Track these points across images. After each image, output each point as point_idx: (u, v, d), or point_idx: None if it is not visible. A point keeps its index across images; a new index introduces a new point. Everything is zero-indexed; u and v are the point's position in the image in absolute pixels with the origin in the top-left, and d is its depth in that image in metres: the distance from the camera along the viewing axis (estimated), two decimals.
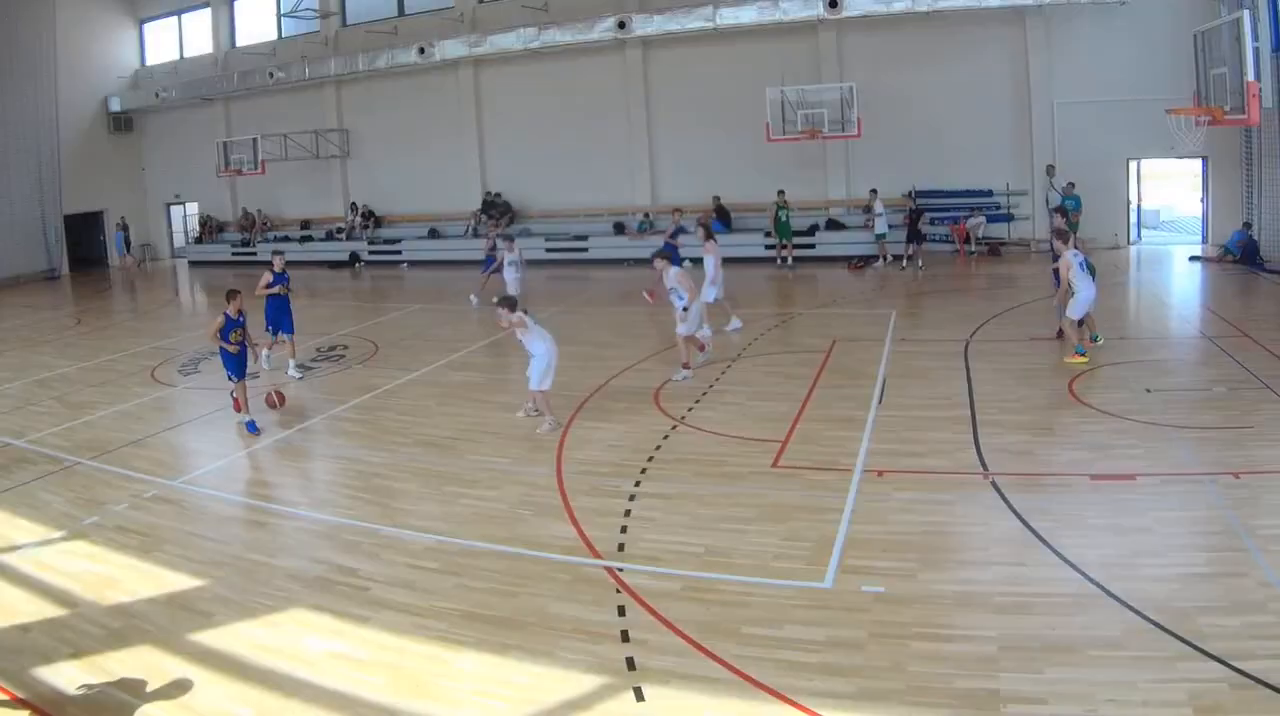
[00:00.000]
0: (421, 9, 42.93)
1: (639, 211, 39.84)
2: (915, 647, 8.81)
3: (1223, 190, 32.52)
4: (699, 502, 12.67)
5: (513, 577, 10.73)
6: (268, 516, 13.20)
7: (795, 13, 33.35)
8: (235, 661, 9.21)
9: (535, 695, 8.42)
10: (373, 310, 30.43)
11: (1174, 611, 8.94)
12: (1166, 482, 12.38)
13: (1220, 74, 21.39)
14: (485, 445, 15.32)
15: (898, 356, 19.88)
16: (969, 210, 35.17)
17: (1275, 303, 24.57)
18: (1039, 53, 33.84)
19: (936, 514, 11.96)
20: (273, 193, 46.94)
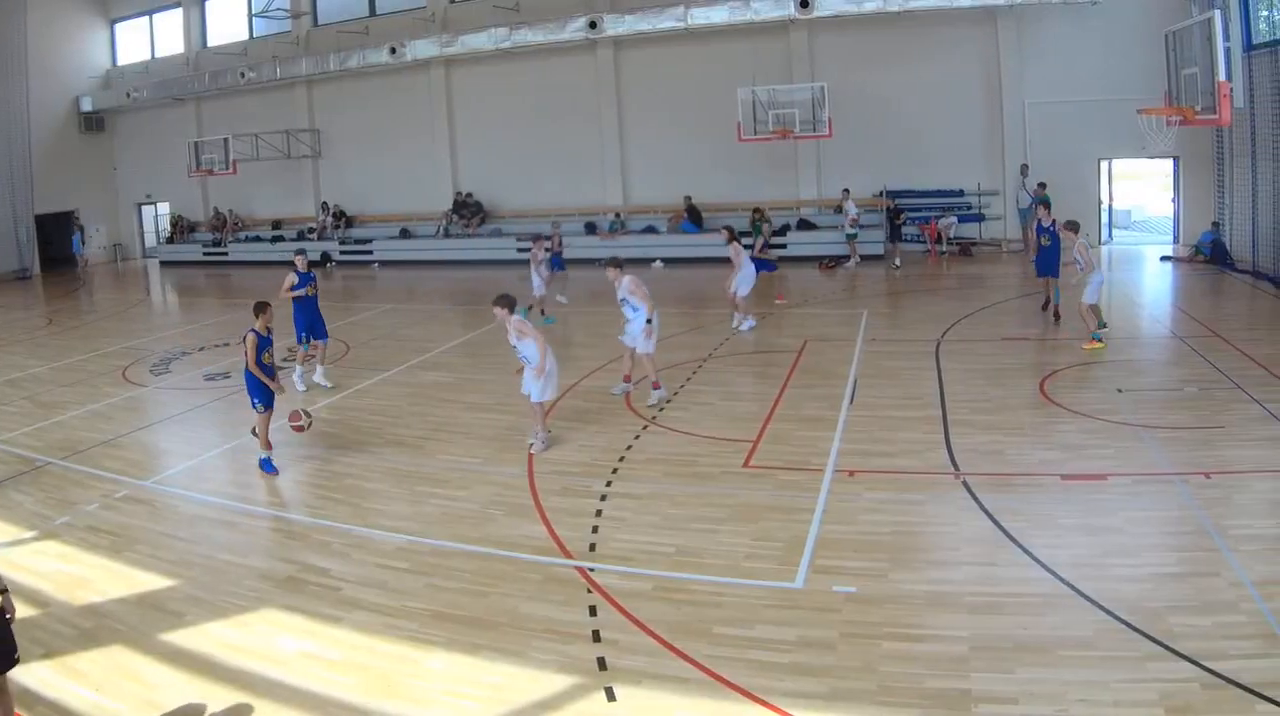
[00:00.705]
0: (393, 9, 42.80)
1: (610, 211, 39.86)
2: (886, 647, 8.84)
3: (1194, 190, 32.68)
4: (670, 503, 12.69)
5: (484, 577, 10.74)
6: (239, 516, 13.16)
7: (766, 13, 33.43)
8: (206, 661, 9.21)
9: (506, 695, 8.43)
10: (344, 310, 30.29)
11: (1145, 611, 8.98)
12: (1138, 482, 12.44)
13: (1191, 74, 21.47)
14: (456, 445, 15.30)
15: (869, 356, 19.93)
16: (940, 210, 35.29)
17: (1246, 302, 24.69)
18: (1010, 53, 33.97)
19: (907, 514, 11.98)
20: (244, 192, 46.76)
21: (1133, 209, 41.79)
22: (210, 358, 23.50)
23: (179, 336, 27.24)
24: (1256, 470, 12.57)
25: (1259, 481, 12.26)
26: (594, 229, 39.61)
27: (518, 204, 41.71)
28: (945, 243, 34.81)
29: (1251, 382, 16.40)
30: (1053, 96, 33.28)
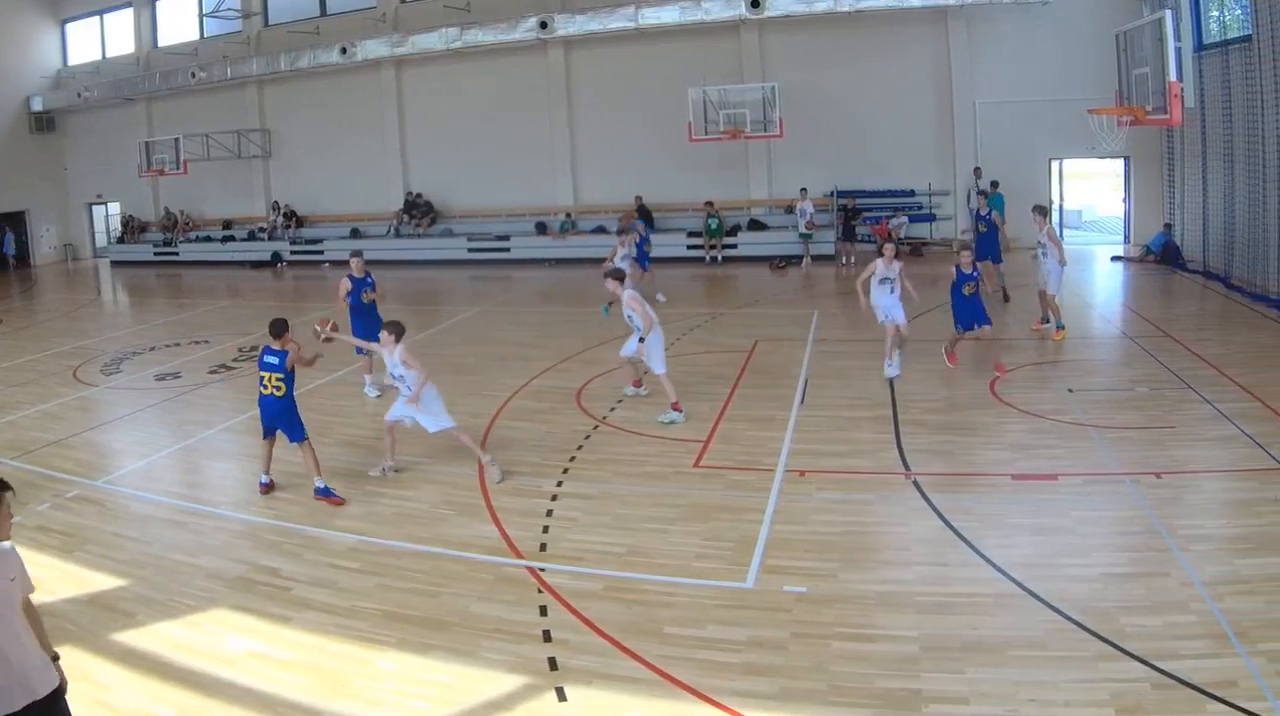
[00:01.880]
0: (344, 9, 42.60)
1: (561, 211, 39.83)
2: (837, 647, 8.87)
3: (1145, 190, 32.96)
4: (621, 502, 12.71)
5: (434, 577, 10.73)
6: (190, 516, 13.07)
7: (717, 13, 33.56)
8: (157, 661, 9.16)
9: (457, 695, 8.42)
10: (295, 310, 30.05)
11: (1096, 611, 9.04)
12: (1088, 482, 12.53)
13: (1142, 74, 21.57)
14: (406, 445, 15.15)
15: (819, 356, 20.07)
16: (891, 210, 35.41)
17: (1197, 302, 24.90)
18: (961, 53, 34.16)
19: (858, 514, 12.03)
20: (195, 193, 46.40)
21: (1084, 209, 42.06)
22: (161, 358, 23.33)
23: (130, 336, 27.04)
24: (1207, 470, 12.69)
25: (1209, 481, 12.38)
26: (544, 229, 39.63)
27: (468, 204, 41.62)
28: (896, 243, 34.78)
29: (1202, 383, 16.53)
30: (1003, 96, 33.49)
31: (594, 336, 21.65)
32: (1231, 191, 25.83)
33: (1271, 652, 8.27)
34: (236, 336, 25.28)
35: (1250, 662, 8.14)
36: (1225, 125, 25.89)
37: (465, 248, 40.01)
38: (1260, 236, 23.99)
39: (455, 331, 25.24)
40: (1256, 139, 23.87)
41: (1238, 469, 12.69)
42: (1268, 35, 22.52)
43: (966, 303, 17.91)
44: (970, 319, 17.92)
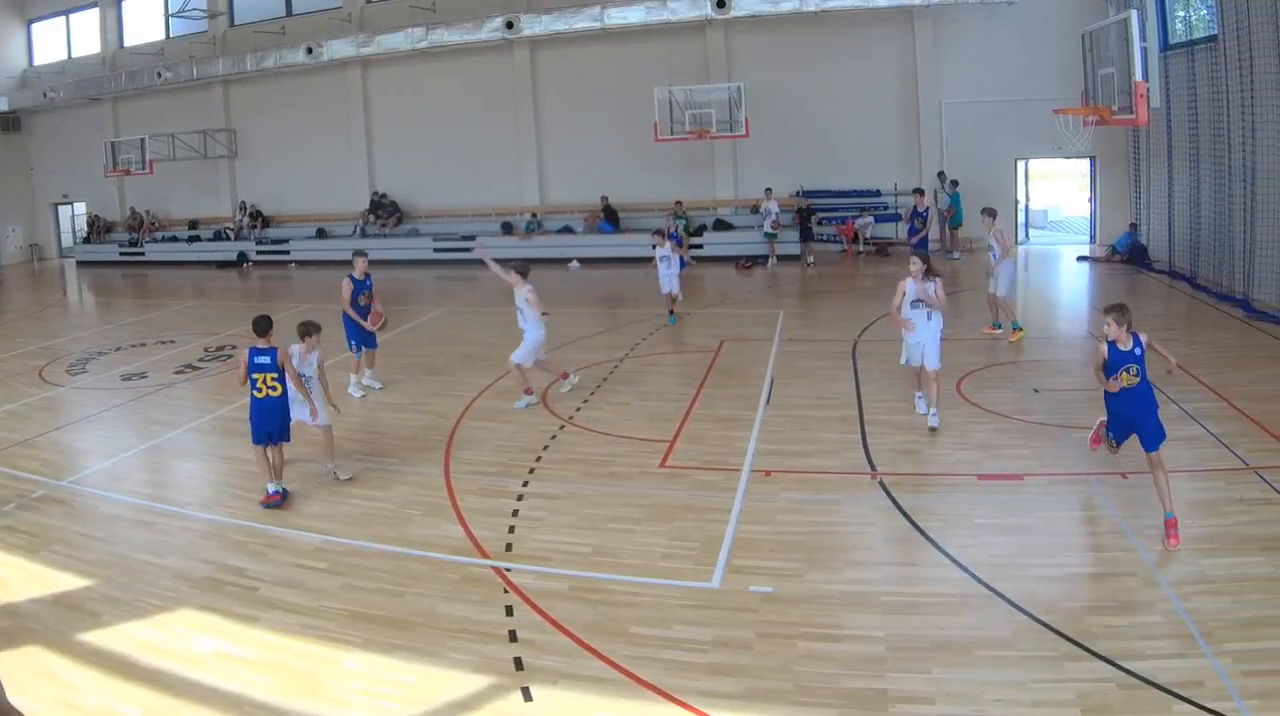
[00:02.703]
0: (309, 9, 42.43)
1: (527, 211, 39.80)
2: (803, 647, 8.90)
3: (1110, 190, 33.09)
4: (587, 502, 12.72)
5: (401, 577, 10.73)
6: (156, 516, 13.02)
7: (683, 13, 33.44)
8: (123, 661, 9.13)
9: (423, 695, 8.42)
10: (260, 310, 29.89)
11: (1062, 611, 9.09)
12: (1054, 483, 12.61)
13: (1108, 74, 21.65)
14: (373, 445, 15.22)
15: (785, 356, 20.04)
16: (857, 210, 35.51)
17: (1162, 302, 24.99)
18: (926, 53, 34.25)
19: (824, 514, 12.06)
20: (161, 193, 46.12)
21: (1049, 209, 42.21)
22: (127, 358, 23.20)
23: (96, 337, 26.89)
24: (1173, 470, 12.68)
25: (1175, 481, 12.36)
26: (510, 229, 39.54)
27: (434, 204, 41.55)
28: (862, 243, 35.05)
29: (1167, 382, 16.54)
30: (969, 96, 33.59)
31: (560, 337, 21.61)
32: (1197, 191, 25.96)
33: (1237, 652, 8.31)
34: (203, 336, 25.19)
35: (1216, 662, 8.19)
36: (1191, 125, 26.01)
37: (431, 248, 39.94)
38: (1226, 236, 24.12)
39: (422, 331, 25.20)
40: (1222, 139, 24.00)
41: (1204, 469, 12.76)
42: (1233, 35, 22.63)
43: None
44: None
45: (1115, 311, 11.23)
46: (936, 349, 14.97)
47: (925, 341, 14.88)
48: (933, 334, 14.91)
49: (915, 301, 14.83)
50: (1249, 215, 22.59)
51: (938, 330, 14.99)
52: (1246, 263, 22.74)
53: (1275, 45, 20.69)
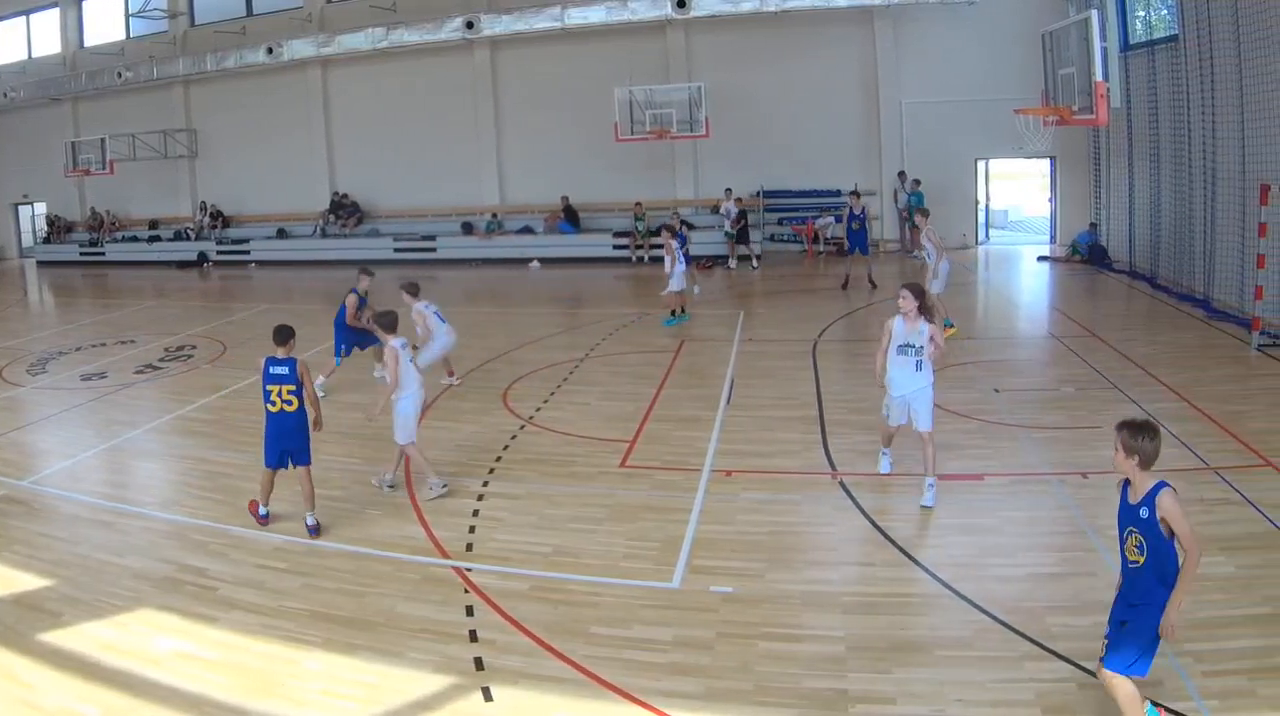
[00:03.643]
0: (270, 9, 42.33)
1: (487, 211, 39.85)
2: (763, 647, 8.92)
3: (1071, 190, 33.34)
4: (547, 502, 12.73)
5: (361, 577, 10.71)
6: (116, 516, 12.94)
7: (643, 13, 33.51)
8: (83, 661, 9.08)
9: (383, 695, 8.41)
10: (221, 310, 30.06)
11: (1022, 611, 9.12)
12: (1015, 483, 12.65)
13: (1068, 74, 21.73)
14: (333, 445, 15.13)
15: (745, 357, 20.09)
16: (817, 210, 35.71)
17: (1123, 302, 25.16)
18: (887, 53, 34.45)
19: (784, 514, 12.09)
20: (121, 193, 45.87)
21: (1010, 209, 42.40)
22: (88, 358, 23.05)
23: (56, 337, 26.70)
24: None
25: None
26: (470, 229, 39.67)
27: (395, 204, 41.58)
28: (822, 243, 35.23)
29: (1128, 382, 16.70)
30: (930, 96, 33.84)
31: (520, 337, 21.62)
32: (1158, 191, 26.15)
33: (1197, 653, 8.37)
34: (163, 336, 25.07)
35: (1175, 662, 8.24)
36: (1151, 125, 26.20)
37: (391, 248, 39.99)
38: (1186, 236, 24.29)
39: None
40: (1183, 139, 24.19)
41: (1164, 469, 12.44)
42: (1194, 35, 22.80)
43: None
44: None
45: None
46: (928, 405, 12.38)
47: (913, 397, 12.38)
48: (923, 387, 12.37)
49: (903, 345, 12.28)
50: (1209, 215, 22.75)
51: (929, 383, 12.41)
52: (1207, 263, 22.90)
53: (1235, 45, 20.84)
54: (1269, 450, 13.23)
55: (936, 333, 12.25)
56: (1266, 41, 19.53)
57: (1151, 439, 7.14)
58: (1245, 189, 20.62)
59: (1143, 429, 7.22)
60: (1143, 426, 7.25)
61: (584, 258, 35.45)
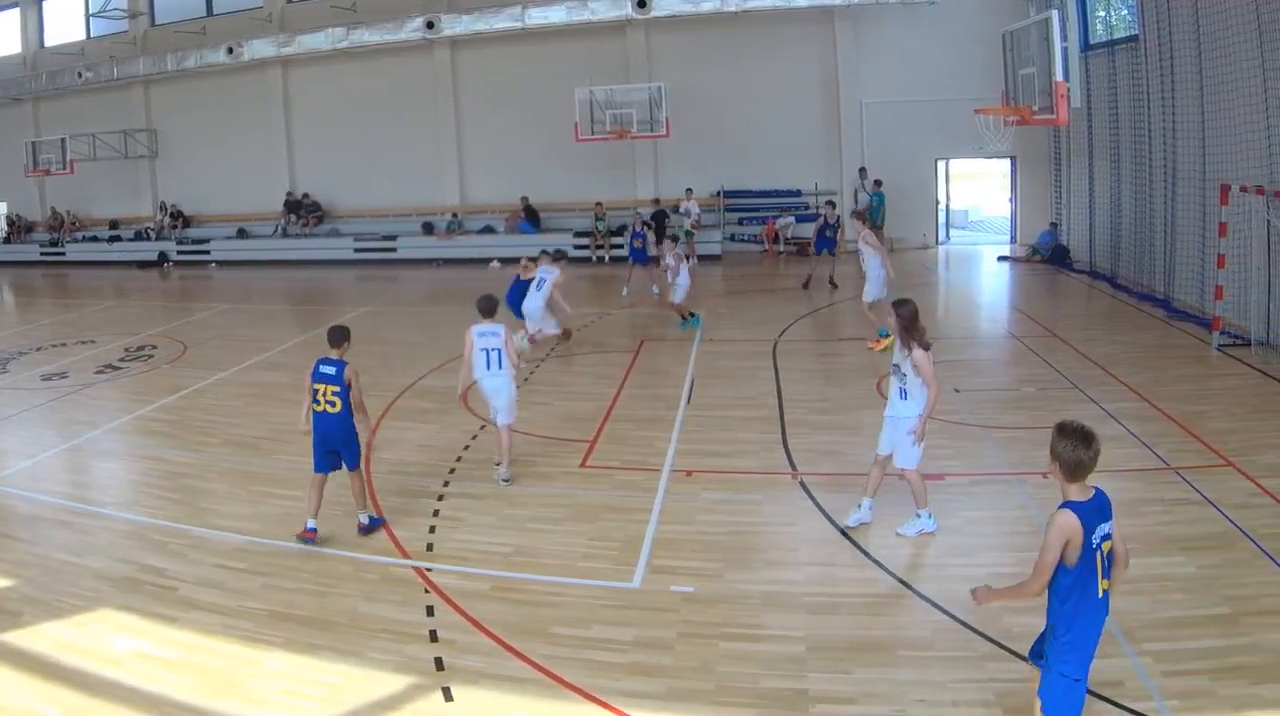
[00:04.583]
0: (230, 9, 42.13)
1: (448, 211, 39.88)
2: (724, 648, 8.93)
3: (1031, 190, 33.55)
4: (507, 503, 12.72)
5: (321, 577, 10.68)
6: (75, 516, 12.88)
7: (604, 13, 33.63)
8: (42, 661, 9.05)
9: (343, 695, 8.39)
10: (181, 310, 29.93)
11: (983, 611, 9.08)
12: (975, 483, 12.70)
13: (1029, 74, 21.78)
14: (293, 445, 15.00)
15: (705, 357, 20.13)
16: (778, 210, 35.89)
17: (1083, 302, 25.30)
18: (847, 53, 34.66)
19: (745, 514, 12.12)
20: (81, 193, 45.57)
21: (970, 209, 42.65)
22: (48, 358, 22.92)
23: (16, 336, 26.50)
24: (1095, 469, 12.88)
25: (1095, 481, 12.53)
26: (431, 229, 39.68)
27: (355, 204, 41.55)
28: (782, 243, 35.38)
29: (1089, 382, 16.78)
30: (890, 96, 34.01)
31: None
32: (1118, 191, 26.31)
33: (1158, 652, 8.42)
34: (123, 336, 24.93)
35: (1136, 662, 8.30)
36: (1112, 125, 26.36)
37: (352, 248, 39.98)
38: (1147, 236, 24.44)
39: None
40: (1143, 139, 24.33)
41: (1125, 469, 12.84)
42: (1154, 35, 22.94)
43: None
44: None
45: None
46: (907, 439, 11.09)
47: (893, 423, 11.34)
48: (905, 418, 11.17)
49: (895, 364, 11.40)
50: (1169, 215, 22.89)
51: (913, 415, 11.10)
52: (1167, 263, 23.05)
53: (1195, 45, 20.98)
54: (1229, 450, 13.31)
55: (925, 365, 10.94)
56: (1226, 42, 19.65)
57: (1073, 446, 6.52)
58: (1205, 189, 20.77)
59: (1066, 432, 6.60)
60: (1070, 429, 6.61)
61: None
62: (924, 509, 11.30)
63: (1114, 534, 6.60)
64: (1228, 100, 19.78)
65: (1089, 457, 6.53)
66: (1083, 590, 6.48)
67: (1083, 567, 6.43)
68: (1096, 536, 6.45)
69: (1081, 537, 6.38)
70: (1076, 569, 6.43)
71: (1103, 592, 6.53)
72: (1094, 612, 6.55)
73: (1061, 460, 6.54)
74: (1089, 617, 6.54)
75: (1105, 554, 6.50)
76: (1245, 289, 18.84)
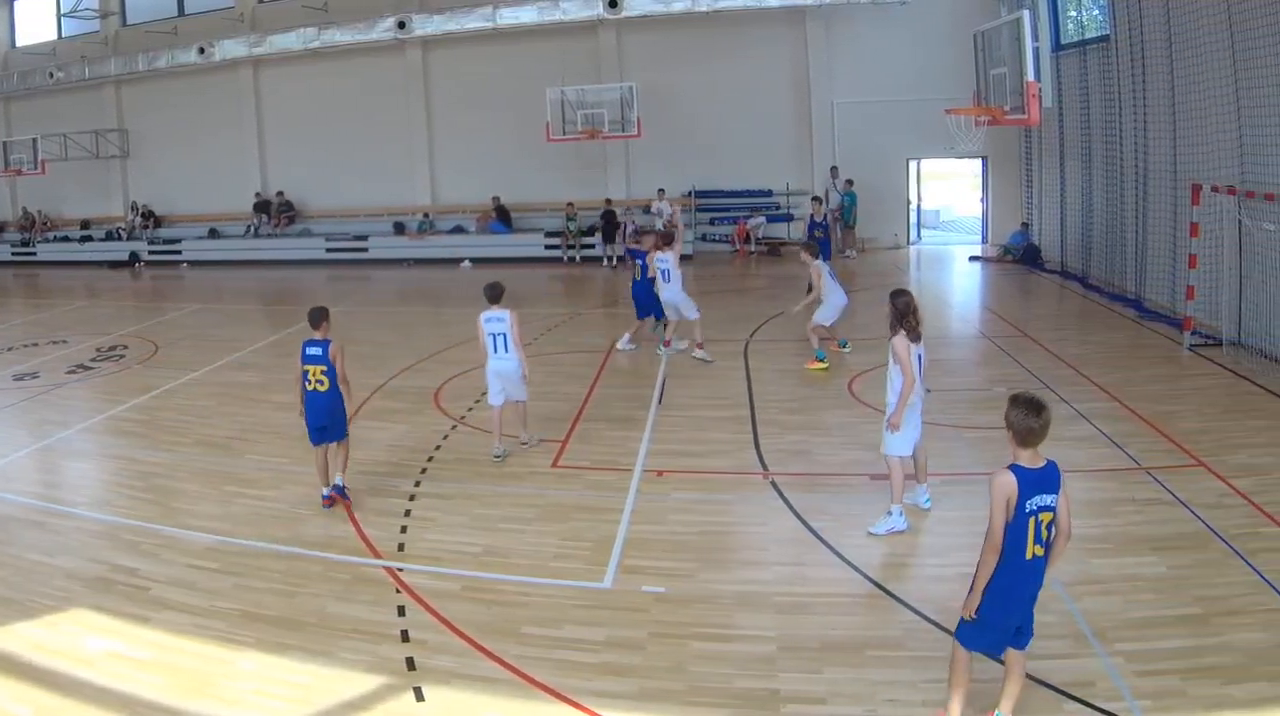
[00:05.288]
0: (201, 9, 41.98)
1: (419, 211, 39.84)
2: (695, 648, 8.93)
3: (1002, 190, 33.70)
4: (479, 502, 12.70)
5: (293, 577, 10.64)
6: (47, 516, 12.82)
7: (575, 13, 33.44)
8: (14, 661, 9.02)
9: (314, 695, 8.36)
10: (153, 310, 29.82)
11: (953, 611, 9.00)
12: (946, 483, 12.65)
13: (1000, 74, 21.83)
14: (265, 445, 15.15)
15: (677, 357, 20.07)
16: (749, 210, 36.03)
17: (1054, 302, 25.40)
18: (818, 53, 34.76)
19: (716, 514, 12.12)
20: (53, 193, 45.30)
21: (941, 209, 42.69)
22: (19, 358, 22.85)
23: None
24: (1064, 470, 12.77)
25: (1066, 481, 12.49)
26: (402, 229, 39.65)
27: (327, 204, 41.47)
28: (754, 243, 35.48)
29: (1060, 382, 16.83)
30: (861, 96, 34.12)
31: (452, 336, 21.60)
32: (1089, 191, 26.41)
33: (1129, 653, 8.44)
34: (95, 336, 24.82)
35: (1108, 662, 8.32)
36: (1083, 125, 26.47)
37: (323, 248, 39.90)
38: (1118, 236, 24.54)
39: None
40: (1114, 139, 24.44)
41: (1096, 469, 12.92)
42: (1125, 35, 23.04)
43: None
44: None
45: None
46: (886, 431, 11.53)
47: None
48: (888, 410, 11.54)
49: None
50: (1141, 215, 22.99)
51: (889, 410, 11.49)
52: (1139, 263, 23.14)
53: (1167, 45, 21.07)
54: (1200, 450, 13.37)
55: (902, 353, 11.11)
56: (1198, 41, 19.74)
57: (1024, 415, 7.13)
58: (1177, 189, 20.87)
59: (1018, 402, 7.22)
60: (1022, 400, 7.23)
61: (516, 257, 35.64)
62: (896, 505, 11.35)
63: (1059, 508, 7.17)
64: (1199, 100, 19.87)
65: (1038, 426, 7.12)
66: (1012, 549, 7.08)
67: (1014, 528, 7.04)
68: (1032, 503, 7.04)
69: (1016, 499, 7.01)
70: (1008, 528, 7.06)
71: (1031, 556, 7.10)
72: (1020, 571, 7.15)
73: (1014, 428, 7.16)
74: (1013, 575, 7.15)
75: (1045, 524, 7.12)
76: (1216, 289, 18.94)
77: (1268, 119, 17.61)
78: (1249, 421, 14.75)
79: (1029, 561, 7.11)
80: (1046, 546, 7.18)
